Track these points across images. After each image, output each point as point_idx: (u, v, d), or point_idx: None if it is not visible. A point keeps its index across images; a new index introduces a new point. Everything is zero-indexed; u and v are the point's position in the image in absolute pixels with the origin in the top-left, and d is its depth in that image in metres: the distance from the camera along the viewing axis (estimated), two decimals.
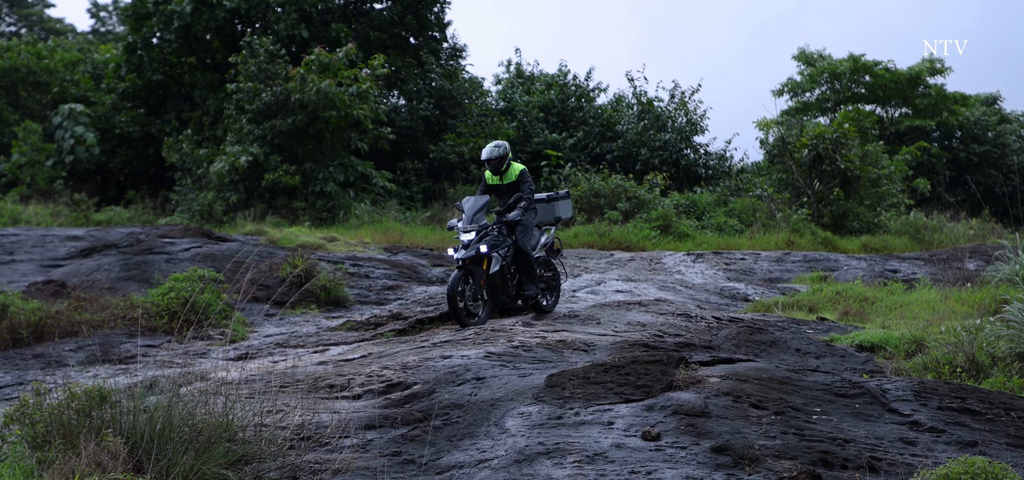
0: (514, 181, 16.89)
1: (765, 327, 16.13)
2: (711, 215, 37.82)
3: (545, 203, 18.16)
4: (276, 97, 36.14)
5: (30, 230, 28.34)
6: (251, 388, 10.80)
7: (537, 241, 17.22)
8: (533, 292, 16.80)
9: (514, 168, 16.92)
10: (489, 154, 16.75)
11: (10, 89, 43.15)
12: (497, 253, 16.18)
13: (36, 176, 38.47)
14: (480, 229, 16.19)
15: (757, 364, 12.12)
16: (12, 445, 9.55)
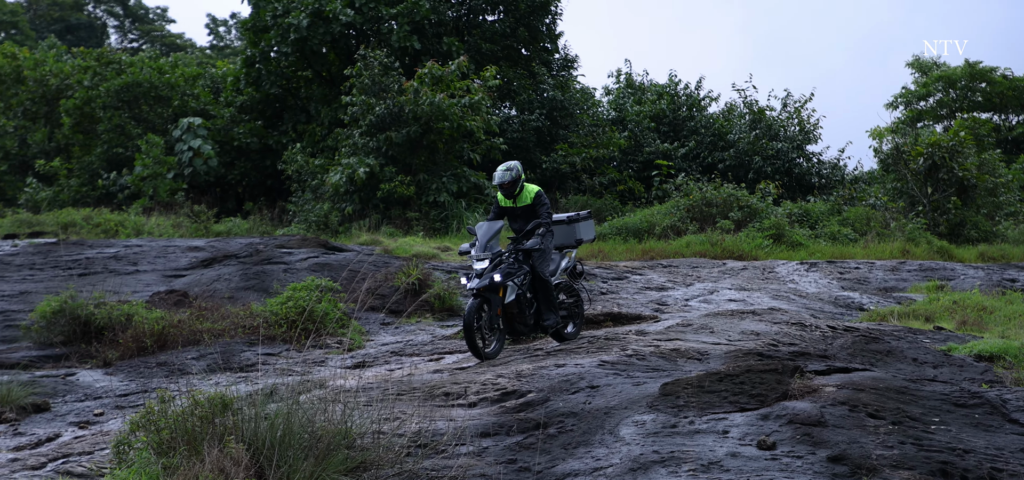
0: (529, 204, 15.84)
1: (881, 336, 15.96)
2: (824, 224, 37.42)
3: (565, 225, 17.06)
4: (390, 110, 36.50)
5: (153, 241, 28.93)
6: (368, 396, 10.95)
7: (557, 266, 16.30)
8: (552, 321, 15.74)
9: (528, 190, 15.88)
10: (501, 178, 15.63)
11: (133, 103, 44.05)
12: (512, 281, 15.12)
13: (158, 188, 39.23)
14: (494, 256, 15.15)
15: (873, 373, 12.04)
16: (138, 451, 9.78)
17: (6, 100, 47.09)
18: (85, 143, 44.49)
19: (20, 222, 34.75)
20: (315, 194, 37.87)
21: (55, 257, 26.21)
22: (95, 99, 43.45)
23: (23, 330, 19.06)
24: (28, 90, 46.47)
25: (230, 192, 43.82)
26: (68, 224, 33.56)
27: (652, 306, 21.14)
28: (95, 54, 46.87)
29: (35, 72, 46.59)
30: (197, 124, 41.44)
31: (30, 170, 44.21)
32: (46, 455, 11.95)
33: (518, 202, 15.84)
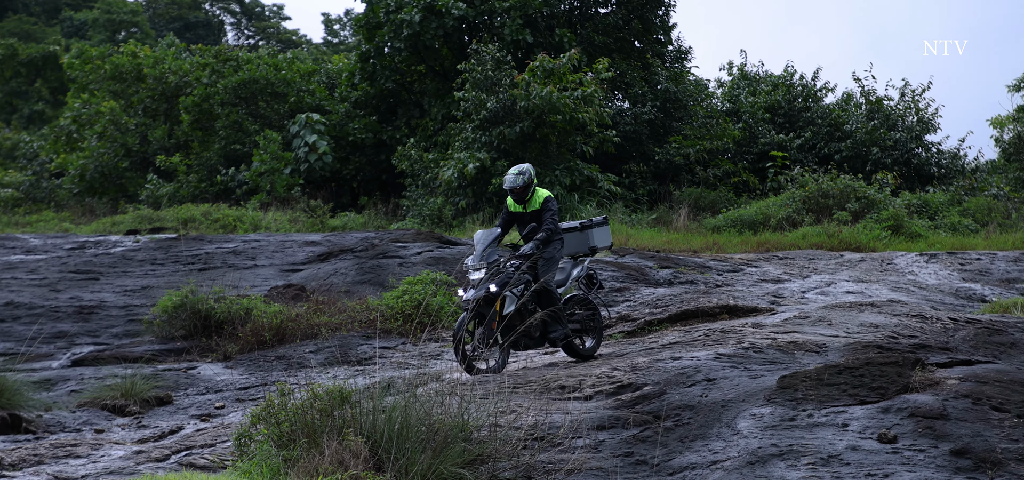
0: (537, 210, 14.89)
1: (1004, 328, 15.64)
2: (944, 215, 36.79)
3: (578, 232, 15.96)
4: (502, 104, 36.59)
5: (270, 236, 29.32)
6: (484, 389, 10.98)
7: (567, 275, 15.28)
8: (559, 333, 14.56)
9: (538, 195, 14.97)
10: (512, 182, 14.74)
11: (250, 100, 44.66)
12: (511, 292, 14.13)
13: (275, 184, 39.74)
14: (491, 265, 14.28)
15: (997, 366, 11.81)
16: (259, 444, 9.93)
17: (127, 98, 48.00)
18: (204, 139, 45.21)
19: (141, 218, 35.46)
20: (428, 188, 38.09)
21: (176, 252, 26.69)
22: (213, 96, 44.13)
23: (145, 324, 19.45)
24: (148, 88, 47.33)
25: (345, 187, 44.25)
26: (188, 220, 34.16)
27: (768, 298, 20.94)
28: (213, 51, 47.60)
29: (155, 70, 47.45)
30: (315, 119, 41.87)
31: (151, 167, 45.03)
32: (169, 447, 12.16)
33: (528, 207, 14.94)
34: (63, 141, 49.44)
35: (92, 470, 11.10)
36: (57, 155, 48.58)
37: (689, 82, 46.75)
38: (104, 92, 48.57)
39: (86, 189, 45.37)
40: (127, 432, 13.68)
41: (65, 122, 49.82)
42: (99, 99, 48.07)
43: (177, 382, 16.25)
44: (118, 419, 14.42)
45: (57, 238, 29.91)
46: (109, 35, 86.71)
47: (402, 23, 42.26)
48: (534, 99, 35.90)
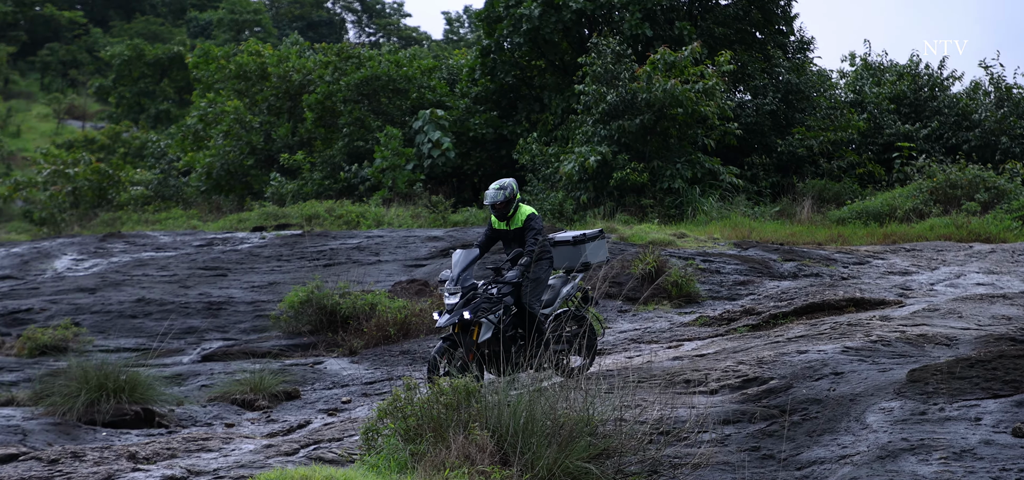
0: (519, 228, 14.04)
1: None
2: None
3: (570, 246, 14.92)
4: (622, 97, 36.48)
5: (393, 231, 29.56)
6: (609, 383, 10.95)
7: (556, 293, 14.45)
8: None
9: (521, 212, 14.09)
10: (493, 198, 13.92)
11: (372, 97, 45.07)
12: (487, 319, 13.35)
13: (397, 180, 40.05)
14: (466, 290, 13.43)
15: None
16: (386, 438, 10.02)
17: (252, 96, 48.75)
18: (327, 137, 45.74)
19: (267, 215, 35.98)
20: (549, 183, 38.12)
21: (301, 248, 27.02)
22: (336, 93, 44.62)
23: (272, 319, 19.71)
24: (272, 86, 48.01)
25: (466, 182, 44.46)
26: (312, 216, 34.58)
27: (895, 291, 20.61)
28: (335, 49, 48.12)
29: (278, 68, 48.12)
30: (439, 115, 42.12)
31: (275, 164, 45.67)
32: (298, 441, 12.31)
33: (511, 225, 14.11)
34: (190, 140, 50.40)
35: (223, 464, 11.26)
36: (184, 153, 49.54)
37: (811, 73, 46.16)
38: (229, 91, 49.39)
39: (213, 187, 46.19)
40: (256, 426, 13.88)
41: (191, 121, 50.78)
42: (224, 98, 48.90)
43: (304, 377, 16.45)
44: (247, 413, 14.65)
45: (186, 235, 30.46)
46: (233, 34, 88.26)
47: (521, 17, 42.34)
48: (655, 92, 35.74)
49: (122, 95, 77.23)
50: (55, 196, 42.87)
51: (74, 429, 13.51)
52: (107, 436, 13.16)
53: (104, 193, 43.50)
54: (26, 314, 21.23)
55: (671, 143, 37.00)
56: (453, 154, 41.72)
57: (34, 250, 28.99)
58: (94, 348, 18.03)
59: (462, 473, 8.81)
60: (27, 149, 73.65)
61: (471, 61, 46.65)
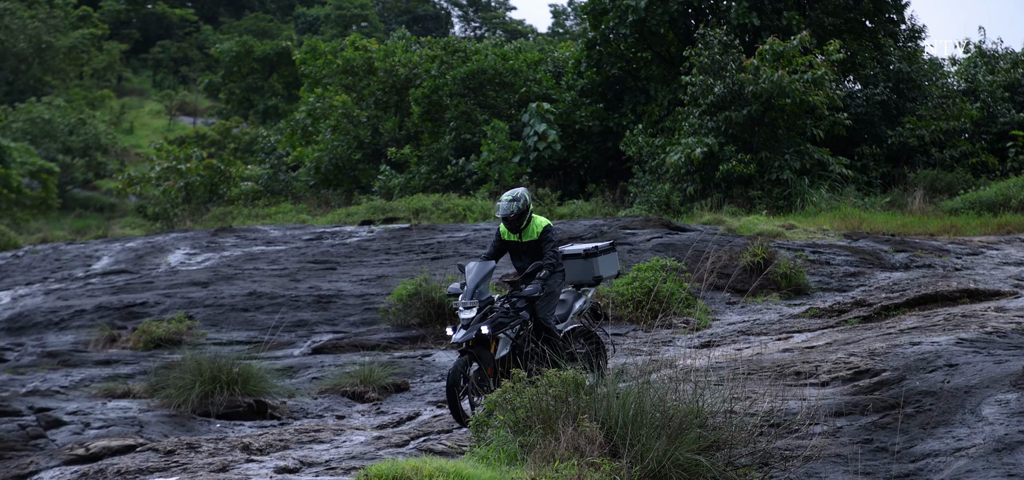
0: (535, 240, 13.50)
1: None
2: None
3: (582, 259, 14.40)
4: (729, 88, 36.26)
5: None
6: (718, 375, 10.94)
7: (569, 309, 13.93)
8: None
9: (536, 223, 13.54)
10: (506, 210, 13.38)
11: (478, 90, 45.24)
12: (505, 333, 12.92)
13: (503, 173, 40.17)
14: (483, 303, 12.89)
15: None
16: (496, 430, 10.09)
17: (359, 91, 49.21)
18: (433, 131, 46.01)
19: (375, 209, 36.30)
20: (655, 174, 38.00)
21: (408, 241, 27.23)
22: (442, 87, 44.86)
23: (381, 313, 19.88)
24: (379, 81, 48.42)
25: (572, 174, 44.44)
26: (419, 209, 34.82)
27: (1011, 282, 20.26)
28: (441, 43, 48.40)
29: (385, 63, 48.50)
30: (547, 109, 42.17)
31: (382, 158, 46.04)
32: (408, 433, 12.45)
33: (524, 237, 13.54)
34: (298, 135, 50.99)
35: (335, 455, 11.43)
36: (293, 148, 50.13)
37: (923, 62, 45.45)
38: (336, 86, 49.91)
39: (321, 181, 46.71)
40: (367, 418, 14.06)
41: (300, 116, 51.38)
42: (332, 93, 49.40)
43: (413, 369, 16.59)
44: (358, 405, 14.83)
45: (295, 229, 30.86)
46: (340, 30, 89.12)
47: (627, 9, 42.22)
48: (763, 83, 35.46)
49: (231, 91, 78.41)
50: (168, 191, 43.70)
51: (189, 420, 13.77)
52: (221, 427, 13.41)
53: (215, 188, 44.24)
54: (141, 308, 21.66)
55: (779, 134, 36.68)
56: (559, 147, 41.73)
57: (148, 245, 29.56)
58: (207, 341, 18.35)
59: (572, 465, 8.85)
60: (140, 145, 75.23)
61: (577, 54, 46.59)
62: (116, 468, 10.96)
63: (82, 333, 20.52)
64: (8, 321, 22.02)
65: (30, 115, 66.91)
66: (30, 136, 64.39)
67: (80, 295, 23.59)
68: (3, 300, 24.15)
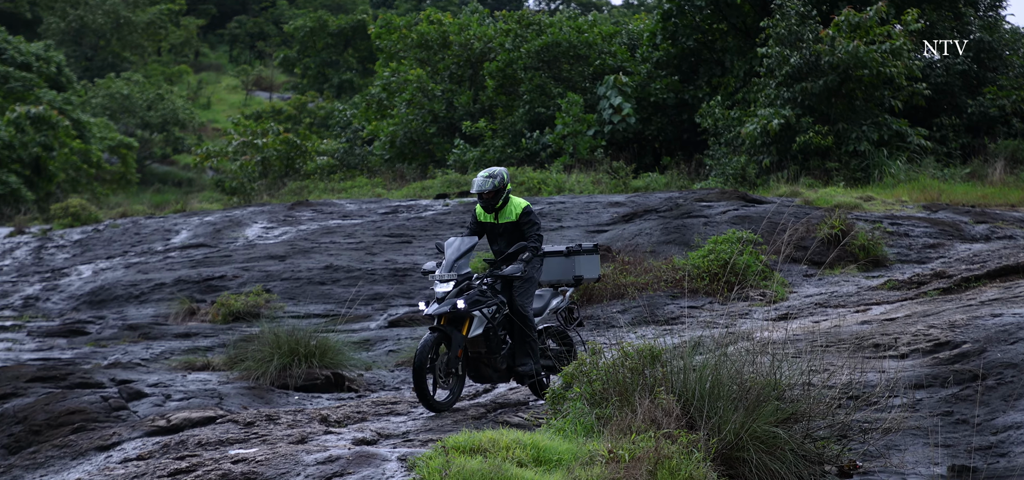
0: (514, 221, 12.76)
1: None
2: None
3: (564, 257, 13.82)
4: (806, 60, 35.97)
5: (574, 197, 29.68)
6: (795, 347, 10.90)
7: (545, 304, 13.24)
8: (529, 368, 12.50)
9: (514, 205, 12.81)
10: (481, 186, 12.64)
11: (553, 64, 45.21)
12: (480, 311, 12.18)
13: (578, 146, 40.15)
14: (461, 279, 12.23)
15: None
16: (572, 402, 10.12)
17: (433, 65, 49.37)
18: (508, 104, 46.05)
19: (449, 182, 36.44)
20: (731, 147, 37.80)
21: None
22: (516, 61, 44.88)
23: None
24: (453, 55, 48.54)
25: (647, 147, 44.29)
26: None
27: None
28: (516, 17, 48.35)
29: (460, 37, 48.60)
30: (625, 82, 42.05)
31: (457, 132, 46.18)
32: (484, 406, 12.55)
33: (500, 218, 12.83)
34: (373, 109, 51.24)
35: (412, 427, 11.52)
36: (368, 123, 50.39)
37: (1004, 30, 44.78)
38: (411, 60, 50.08)
39: (396, 155, 46.94)
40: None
41: (375, 90, 51.62)
42: (406, 67, 49.58)
43: None
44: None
45: (371, 203, 31.06)
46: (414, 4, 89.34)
47: None
48: (839, 54, 35.15)
49: (307, 66, 78.96)
50: (245, 166, 44.14)
51: (267, 393, 13.93)
52: (299, 400, 13.55)
53: (291, 163, 44.63)
54: (219, 281, 21.93)
55: (856, 105, 36.35)
56: (634, 119, 41.62)
57: (226, 219, 29.89)
58: (285, 314, 18.56)
59: (648, 437, 8.79)
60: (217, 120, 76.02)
61: (652, 26, 46.38)
62: (197, 439, 11.11)
63: (162, 306, 20.85)
64: (90, 294, 22.43)
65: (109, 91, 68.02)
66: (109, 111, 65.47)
67: (160, 268, 23.94)
68: (85, 274, 24.57)
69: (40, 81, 57.21)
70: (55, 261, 26.59)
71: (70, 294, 22.83)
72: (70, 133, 51.95)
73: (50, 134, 49.77)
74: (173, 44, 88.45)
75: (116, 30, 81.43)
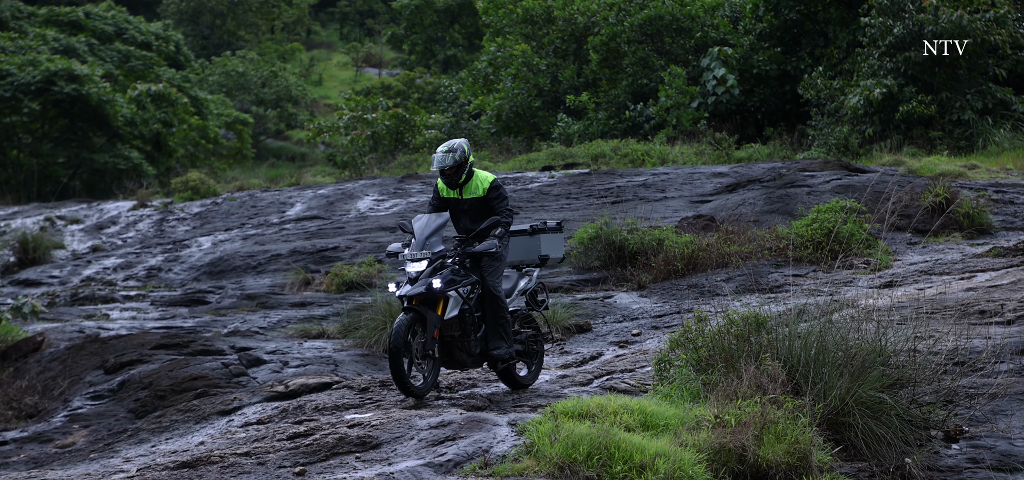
0: (480, 197, 12.12)
1: None
2: None
3: (528, 236, 13.16)
4: (908, 29, 35.66)
5: (677, 169, 29.77)
6: (900, 314, 10.98)
7: (513, 285, 12.62)
8: (504, 351, 11.87)
9: (480, 179, 12.18)
10: (441, 162, 11.97)
11: (656, 37, 45.12)
12: (456, 291, 11.64)
13: (681, 118, 40.16)
14: (434, 257, 11.61)
15: None
16: (678, 368, 10.36)
17: (538, 40, 49.52)
18: (611, 77, 46.09)
19: (554, 155, 36.70)
20: (834, 117, 37.60)
21: (588, 186, 27.52)
22: (620, 35, 44.89)
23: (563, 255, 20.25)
24: (558, 29, 48.63)
25: (749, 119, 44.14)
26: (598, 155, 35.07)
27: None
28: None
29: (564, 12, 48.68)
30: (729, 53, 41.97)
31: (561, 105, 46.34)
32: (591, 372, 12.78)
33: (465, 193, 12.16)
34: (480, 83, 51.59)
35: (521, 393, 11.81)
36: (475, 97, 50.77)
37: None
38: (516, 35, 50.28)
39: (502, 128, 47.25)
40: (551, 358, 14.43)
41: (481, 65, 51.94)
42: (512, 42, 49.81)
43: (594, 310, 16.91)
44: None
45: None
46: None
47: None
48: (942, 23, 34.81)
49: (414, 42, 79.50)
50: (355, 140, 44.76)
51: (380, 360, 14.35)
52: None
53: (401, 137, 45.18)
54: (333, 252, 22.42)
55: (960, 74, 35.98)
56: (737, 91, 41.52)
57: (338, 192, 30.40)
58: None
59: (754, 402, 9.02)
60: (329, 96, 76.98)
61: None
62: (314, 404, 11.47)
63: (278, 276, 21.38)
64: (209, 265, 23.08)
65: (225, 69, 69.43)
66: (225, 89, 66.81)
67: (275, 240, 24.53)
68: (204, 245, 25.22)
69: (160, 60, 58.32)
70: (176, 233, 27.32)
71: (191, 265, 23.51)
72: (188, 110, 53.11)
73: (170, 111, 50.88)
74: (286, 22, 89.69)
75: (231, 9, 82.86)
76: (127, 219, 29.52)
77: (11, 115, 45.91)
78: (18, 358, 16.80)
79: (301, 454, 9.33)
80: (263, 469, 8.96)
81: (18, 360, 16.74)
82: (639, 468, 8.34)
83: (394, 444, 9.40)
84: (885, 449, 9.20)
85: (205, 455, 9.51)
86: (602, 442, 8.52)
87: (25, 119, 46.68)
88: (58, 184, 45.44)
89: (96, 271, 24.10)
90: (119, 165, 46.61)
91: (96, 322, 18.88)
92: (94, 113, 46.99)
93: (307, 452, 9.37)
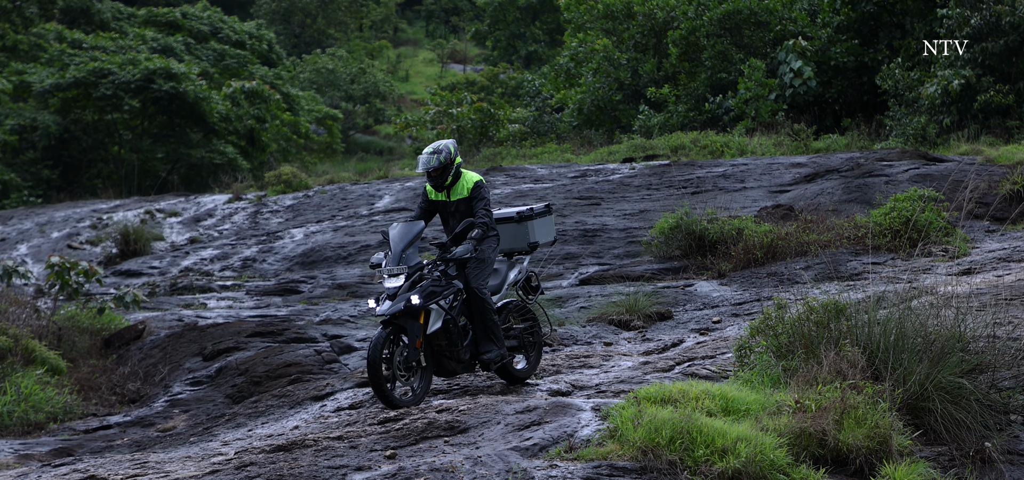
0: (465, 198, 11.92)
1: None
2: None
3: (515, 223, 12.82)
4: (986, 20, 35.49)
5: (756, 159, 29.84)
6: (979, 301, 11.05)
7: (502, 280, 12.37)
8: (494, 354, 11.62)
9: (466, 179, 11.99)
10: (426, 164, 11.83)
11: (735, 30, 45.12)
12: (437, 304, 11.33)
13: (759, 110, 40.22)
14: (412, 271, 11.28)
15: None
16: (758, 355, 10.59)
17: (619, 35, 49.68)
18: (691, 70, 46.20)
19: (635, 147, 36.89)
20: (911, 108, 37.51)
21: (668, 177, 27.68)
22: (699, 28, 44.97)
23: (644, 245, 20.53)
24: (638, 24, 48.74)
25: (827, 110, 44.06)
26: (678, 147, 35.23)
27: None
28: None
29: (644, 7, 48.77)
30: (805, 45, 41.96)
31: (642, 98, 46.50)
32: (672, 359, 12.99)
33: (453, 195, 11.97)
34: (562, 78, 51.90)
35: (604, 379, 12.02)
36: (557, 91, 51.10)
37: None
38: (597, 31, 50.48)
39: (584, 122, 47.53)
40: (632, 345, 14.60)
41: (563, 60, 52.24)
42: (593, 37, 50.03)
43: (675, 298, 17.15)
44: (623, 333, 15.45)
45: (561, 167, 31.60)
46: None
47: None
48: (1020, 13, 34.63)
49: (497, 39, 79.89)
50: (441, 134, 45.24)
51: None
52: None
53: (485, 130, 45.66)
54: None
55: None
56: (814, 83, 41.50)
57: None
58: None
59: (834, 388, 9.21)
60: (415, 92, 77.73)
61: None
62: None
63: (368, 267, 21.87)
64: (301, 256, 23.63)
65: (316, 66, 70.53)
66: (316, 85, 67.84)
67: (365, 231, 24.98)
68: (296, 236, 25.71)
69: (253, 58, 59.15)
70: (269, 225, 27.81)
71: (284, 255, 24.04)
72: (281, 106, 53.86)
73: (263, 107, 51.64)
74: (374, 21, 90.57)
75: (322, 8, 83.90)
76: (223, 212, 30.09)
77: (112, 112, 46.76)
78: (121, 346, 17.45)
79: (391, 438, 9.58)
80: (355, 452, 9.22)
81: (121, 348, 17.39)
82: (721, 452, 8.49)
83: (481, 429, 9.61)
84: (965, 433, 9.30)
85: (299, 439, 9.80)
86: (684, 427, 8.67)
87: (126, 116, 47.49)
88: (157, 178, 46.31)
89: (194, 262, 24.71)
90: (215, 160, 47.40)
91: (194, 311, 19.53)
92: (191, 110, 47.80)
93: (397, 436, 9.62)
